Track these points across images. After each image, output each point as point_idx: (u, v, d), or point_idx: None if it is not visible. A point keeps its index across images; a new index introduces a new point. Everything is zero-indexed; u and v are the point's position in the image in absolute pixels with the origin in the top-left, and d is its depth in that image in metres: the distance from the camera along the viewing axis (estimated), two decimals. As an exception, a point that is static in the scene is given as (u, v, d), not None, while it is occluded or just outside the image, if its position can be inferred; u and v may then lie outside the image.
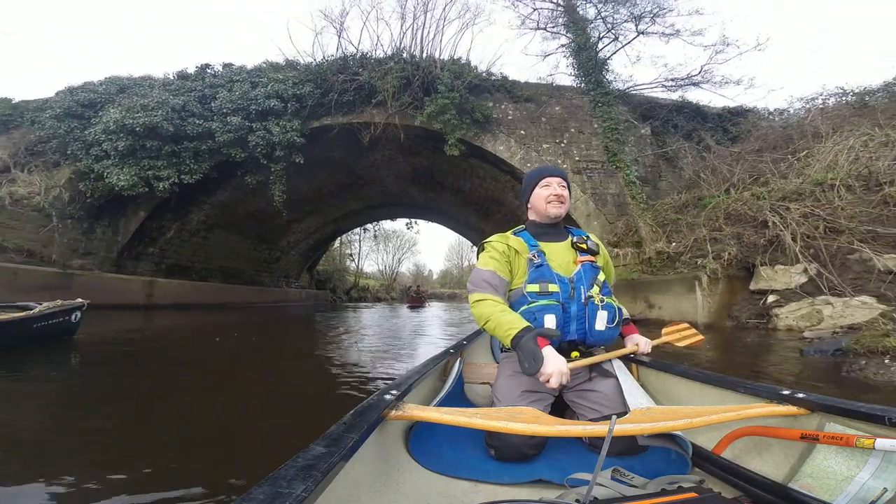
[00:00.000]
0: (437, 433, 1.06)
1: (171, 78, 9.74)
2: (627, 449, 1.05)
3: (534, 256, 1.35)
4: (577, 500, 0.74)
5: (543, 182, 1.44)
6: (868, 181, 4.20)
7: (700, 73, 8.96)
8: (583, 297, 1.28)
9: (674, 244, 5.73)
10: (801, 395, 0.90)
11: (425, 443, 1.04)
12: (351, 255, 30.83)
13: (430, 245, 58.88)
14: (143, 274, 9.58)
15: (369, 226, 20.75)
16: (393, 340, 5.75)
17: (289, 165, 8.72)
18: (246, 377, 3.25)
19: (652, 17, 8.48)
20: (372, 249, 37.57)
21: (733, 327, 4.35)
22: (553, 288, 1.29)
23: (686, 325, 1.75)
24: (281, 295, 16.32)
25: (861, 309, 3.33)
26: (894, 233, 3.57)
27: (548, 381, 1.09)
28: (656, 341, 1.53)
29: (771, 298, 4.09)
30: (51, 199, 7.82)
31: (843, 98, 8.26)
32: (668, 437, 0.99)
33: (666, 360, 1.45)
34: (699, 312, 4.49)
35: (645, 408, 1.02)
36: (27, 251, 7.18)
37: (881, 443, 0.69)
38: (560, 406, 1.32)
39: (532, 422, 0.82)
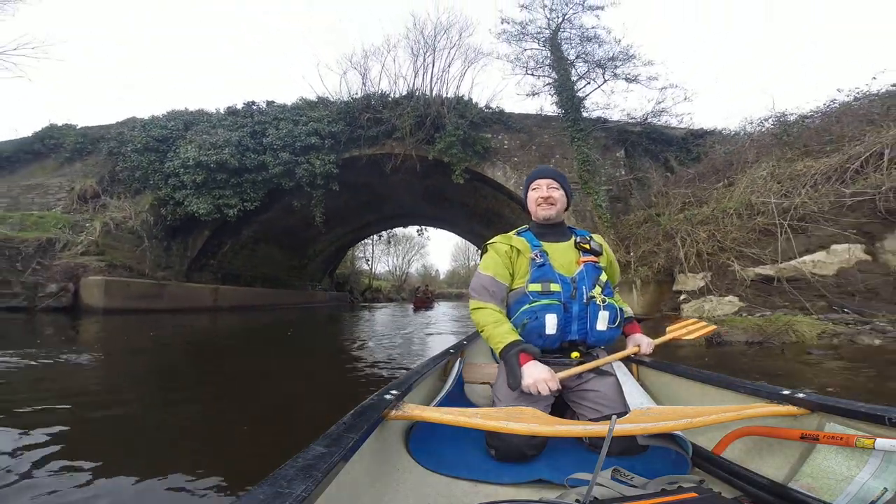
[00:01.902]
0: (437, 433, 1.07)
1: (223, 113, 11.68)
2: (627, 449, 1.06)
3: (536, 256, 1.36)
4: (577, 500, 0.75)
5: (534, 185, 1.48)
6: (751, 211, 6.00)
7: (650, 115, 10.83)
8: (584, 297, 1.30)
9: (631, 254, 7.55)
10: (801, 395, 0.90)
11: (425, 443, 1.05)
12: (367, 260, 32.83)
13: (437, 246, 60.69)
14: (205, 282, 11.58)
15: (384, 232, 22.70)
16: (408, 335, 7.63)
17: (327, 191, 10.64)
18: (322, 360, 4.69)
19: (613, 71, 10.29)
20: (384, 252, 39.58)
21: (659, 317, 6.17)
22: (555, 287, 1.30)
23: (694, 319, 1.72)
24: (309, 297, 18.36)
25: (727, 305, 5.14)
26: (755, 252, 5.38)
27: (538, 392, 1.14)
28: (659, 340, 1.54)
29: (682, 297, 5.91)
30: (140, 223, 9.81)
31: (783, 123, 9.95)
32: (668, 437, 0.99)
33: (665, 360, 1.48)
34: (634, 307, 6.31)
35: (645, 408, 1.02)
36: (128, 267, 9.16)
37: (881, 443, 0.69)
38: (560, 406, 1.33)
39: (532, 422, 0.83)
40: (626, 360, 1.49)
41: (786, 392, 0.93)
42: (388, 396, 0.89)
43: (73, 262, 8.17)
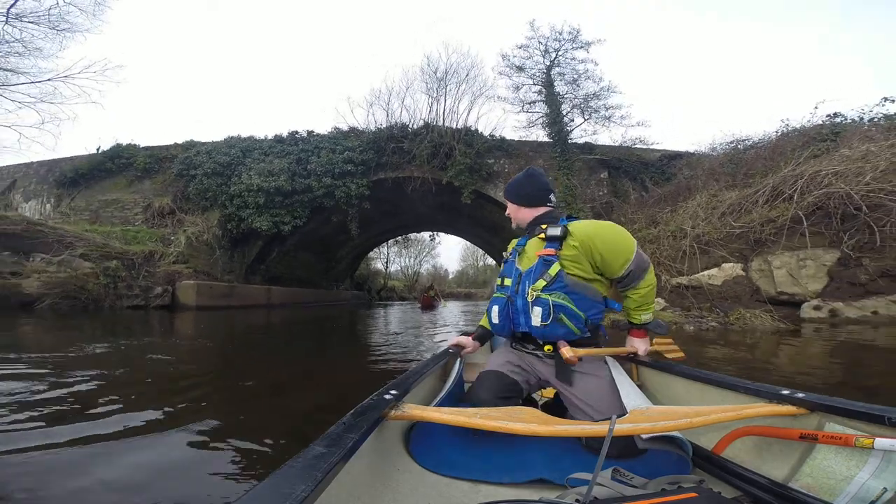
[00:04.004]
0: (437, 433, 1.08)
1: (271, 140, 13.83)
2: (626, 451, 1.06)
3: (509, 254, 1.54)
4: (577, 500, 0.76)
5: None
6: (682, 234, 8.13)
7: (627, 142, 13.01)
8: (527, 291, 1.34)
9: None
10: (800, 395, 0.92)
11: (425, 443, 1.07)
12: (384, 263, 35.30)
13: (446, 248, 62.82)
14: (257, 284, 13.99)
15: (400, 237, 25.05)
16: (420, 326, 9.88)
17: (360, 209, 12.95)
18: (367, 344, 7.18)
19: (590, 113, 12.49)
20: (397, 255, 42.03)
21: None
22: (507, 282, 1.44)
23: (669, 339, 1.89)
24: (335, 295, 20.81)
25: (655, 304, 7.31)
26: (677, 266, 7.51)
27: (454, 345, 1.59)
28: (650, 348, 1.62)
29: (631, 296, 8.09)
30: (212, 236, 12.20)
31: (733, 151, 11.86)
32: (668, 439, 1.00)
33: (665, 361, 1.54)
34: (598, 303, 8.50)
35: (644, 408, 1.03)
36: (205, 272, 11.56)
37: (880, 442, 0.70)
38: (559, 407, 1.38)
39: (532, 421, 0.84)
40: (626, 361, 1.53)
41: (785, 392, 0.95)
42: (387, 396, 0.90)
43: (170, 269, 10.57)
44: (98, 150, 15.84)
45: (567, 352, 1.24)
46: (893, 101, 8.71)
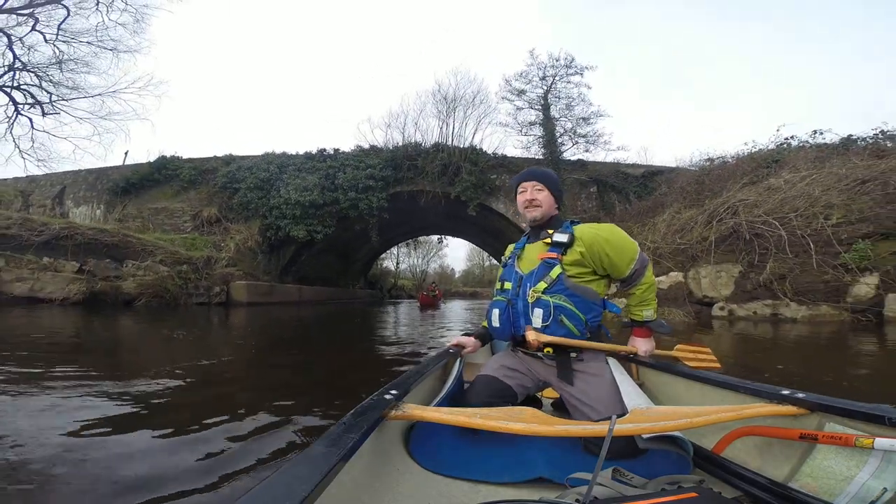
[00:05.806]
0: (437, 433, 1.09)
1: (302, 156, 15.75)
2: (627, 450, 1.06)
3: (508, 258, 1.54)
4: (577, 500, 0.76)
5: (521, 188, 1.55)
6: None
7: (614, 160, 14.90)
8: (527, 293, 1.37)
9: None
10: (800, 395, 0.93)
11: (425, 443, 1.08)
12: (396, 265, 37.54)
13: (453, 248, 64.77)
14: (291, 283, 16.12)
15: (410, 240, 27.16)
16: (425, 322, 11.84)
17: (379, 219, 15.00)
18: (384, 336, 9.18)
19: (578, 138, 14.43)
20: (406, 255, 44.18)
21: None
22: (507, 285, 1.47)
23: (707, 349, 1.74)
24: (352, 294, 22.95)
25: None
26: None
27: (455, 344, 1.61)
28: (661, 352, 1.60)
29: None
30: (254, 242, 14.32)
31: (702, 170, 13.65)
32: (669, 439, 1.00)
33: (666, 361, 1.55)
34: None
35: (644, 408, 1.05)
36: (250, 274, 13.67)
37: (880, 442, 0.71)
38: (560, 406, 1.42)
39: (532, 421, 0.85)
40: (626, 361, 1.57)
41: (785, 392, 0.96)
42: (387, 396, 0.90)
43: (224, 272, 12.69)
44: (126, 154, 17.83)
45: (531, 335, 1.29)
46: (822, 133, 10.49)
